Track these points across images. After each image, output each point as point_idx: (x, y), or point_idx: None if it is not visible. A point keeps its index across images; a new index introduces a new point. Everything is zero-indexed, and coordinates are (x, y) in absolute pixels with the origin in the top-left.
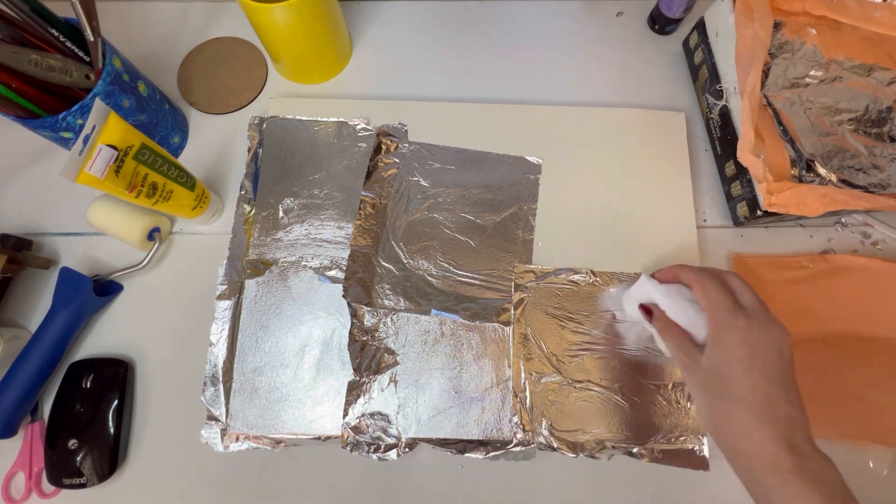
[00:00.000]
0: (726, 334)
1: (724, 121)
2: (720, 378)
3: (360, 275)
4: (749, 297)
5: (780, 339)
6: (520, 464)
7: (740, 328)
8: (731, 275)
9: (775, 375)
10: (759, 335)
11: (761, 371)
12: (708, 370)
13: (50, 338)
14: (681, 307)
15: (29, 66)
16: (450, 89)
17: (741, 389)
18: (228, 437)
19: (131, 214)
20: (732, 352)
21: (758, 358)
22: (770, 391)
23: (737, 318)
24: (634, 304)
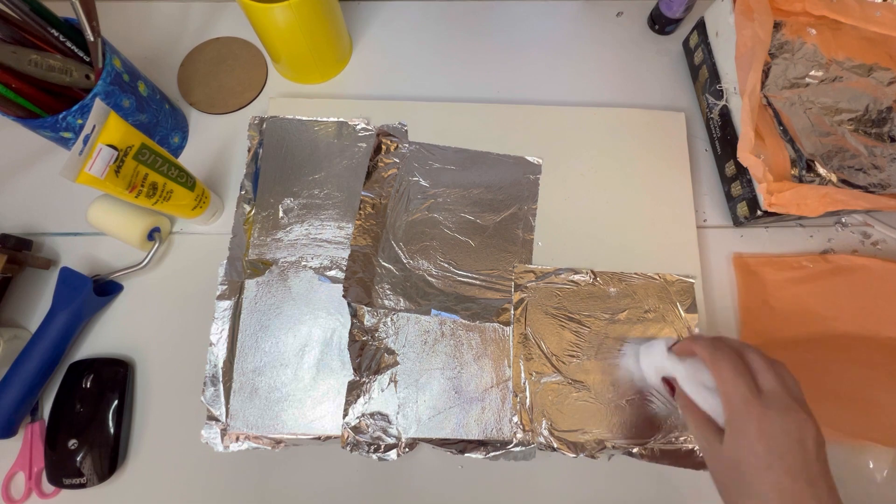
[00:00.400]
0: (742, 425)
1: (724, 121)
2: (740, 474)
3: (360, 275)
4: (769, 379)
5: (802, 428)
6: (520, 464)
7: (756, 419)
8: (750, 350)
9: (798, 471)
10: (778, 427)
11: (783, 468)
12: (726, 462)
13: (50, 338)
14: (700, 391)
15: (29, 66)
16: (450, 89)
17: (761, 487)
18: (228, 437)
19: (131, 214)
20: (749, 445)
21: (776, 452)
22: (794, 490)
23: (752, 407)
24: (657, 375)
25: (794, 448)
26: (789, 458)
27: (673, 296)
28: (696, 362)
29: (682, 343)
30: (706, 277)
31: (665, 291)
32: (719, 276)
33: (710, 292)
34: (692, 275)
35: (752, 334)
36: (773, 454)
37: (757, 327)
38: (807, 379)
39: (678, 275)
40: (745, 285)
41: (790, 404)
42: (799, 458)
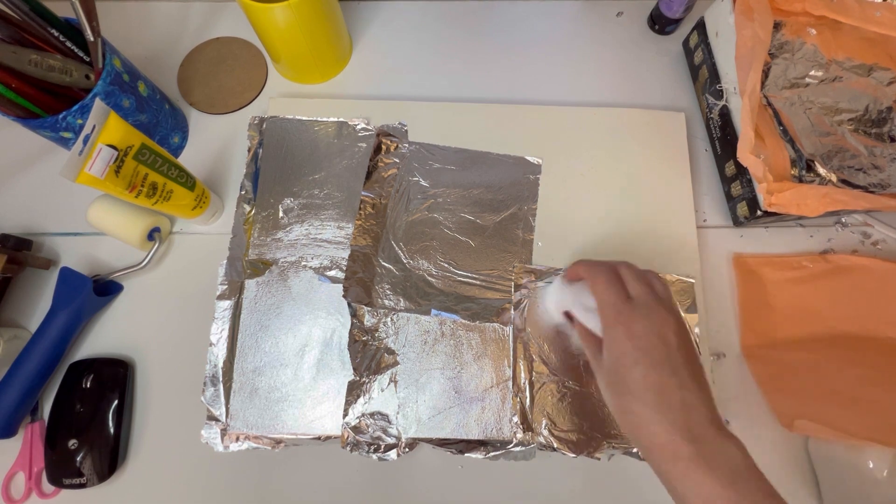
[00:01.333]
0: (613, 330)
1: (724, 121)
2: (616, 375)
3: (360, 275)
4: (636, 286)
5: (662, 322)
6: (520, 464)
7: (624, 321)
8: (622, 264)
9: (661, 362)
10: (642, 325)
11: (648, 361)
12: (607, 368)
13: (50, 338)
14: (585, 313)
15: (29, 66)
16: (450, 89)
17: (633, 383)
18: (228, 437)
19: (131, 214)
20: (620, 346)
21: (641, 348)
22: (659, 380)
23: (621, 311)
24: (558, 311)
25: (656, 343)
26: (653, 352)
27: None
28: (582, 286)
29: (569, 268)
30: (706, 277)
31: None
32: (719, 276)
33: (710, 292)
34: (692, 275)
35: (752, 334)
36: (639, 350)
37: (757, 327)
38: (807, 379)
39: (678, 275)
40: (745, 285)
41: (653, 304)
42: (661, 351)
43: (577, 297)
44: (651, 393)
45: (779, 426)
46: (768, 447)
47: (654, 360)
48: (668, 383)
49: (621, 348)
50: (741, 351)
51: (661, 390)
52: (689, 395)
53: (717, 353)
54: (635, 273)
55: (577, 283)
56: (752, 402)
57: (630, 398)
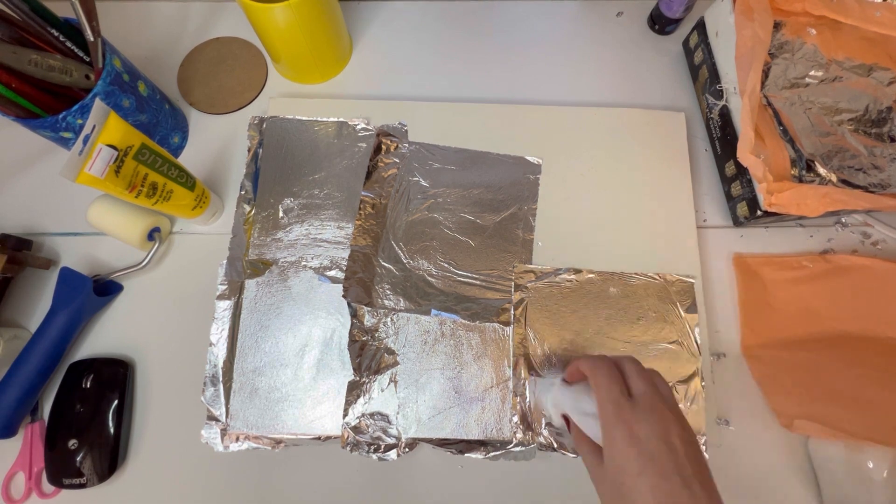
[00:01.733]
0: (613, 433)
1: (724, 121)
2: (619, 488)
3: (360, 275)
4: (638, 384)
5: (667, 427)
6: (520, 464)
7: (625, 422)
8: (626, 359)
9: (670, 473)
10: (646, 428)
11: (654, 470)
12: (608, 479)
13: (50, 338)
14: (584, 419)
15: (29, 66)
16: (450, 89)
17: (640, 496)
18: (228, 437)
19: (131, 214)
20: (622, 452)
21: (646, 455)
22: (669, 492)
23: (621, 410)
24: (558, 414)
25: (662, 449)
26: (660, 460)
27: (673, 296)
28: (580, 389)
29: (570, 365)
30: (706, 277)
31: (665, 291)
32: (719, 276)
33: (710, 292)
34: (692, 275)
35: (752, 334)
36: (643, 457)
37: (757, 327)
38: (807, 379)
39: (678, 275)
40: (745, 285)
41: (655, 404)
42: (669, 460)
43: (576, 400)
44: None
45: (779, 426)
46: (768, 447)
47: (661, 470)
48: (680, 497)
49: (624, 454)
50: (741, 351)
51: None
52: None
53: (717, 353)
54: (638, 369)
55: (577, 385)
56: (752, 402)
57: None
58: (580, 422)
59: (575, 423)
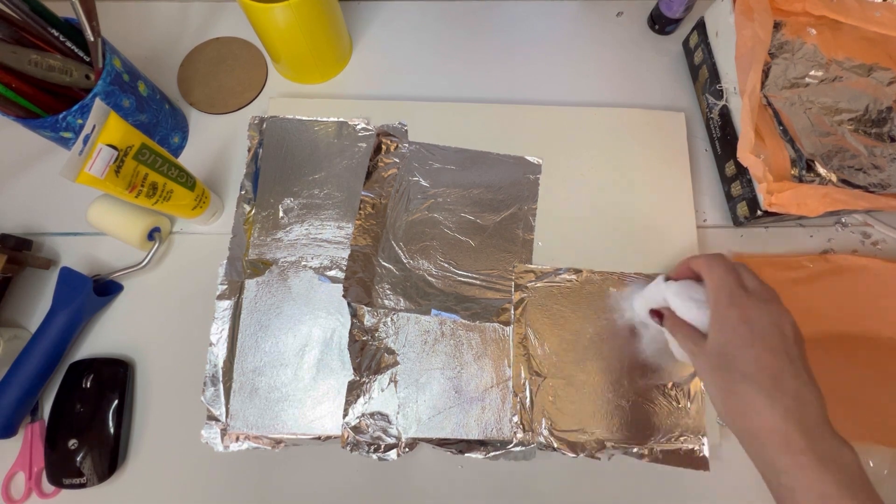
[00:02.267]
0: (726, 311)
1: (724, 121)
2: (724, 357)
3: (360, 275)
4: (753, 281)
5: (781, 316)
6: (520, 464)
7: (739, 305)
8: (739, 263)
9: (778, 349)
10: (758, 312)
11: (763, 345)
12: (713, 351)
13: (50, 338)
14: (689, 303)
15: (29, 66)
16: (450, 89)
17: (745, 364)
18: (228, 437)
19: (131, 214)
20: (733, 328)
21: (757, 332)
22: (775, 365)
23: (736, 296)
24: (645, 308)
25: (773, 331)
26: (769, 338)
27: None
28: (687, 281)
29: (680, 264)
30: None
31: None
32: None
33: None
34: None
35: None
36: (754, 334)
37: None
38: None
39: None
40: None
41: (770, 298)
42: (778, 339)
43: (682, 288)
44: (765, 376)
45: None
46: None
47: (769, 345)
48: (784, 370)
49: (735, 329)
50: None
51: (776, 375)
52: (804, 388)
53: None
54: (752, 272)
55: (682, 280)
56: None
57: (739, 378)
58: (683, 306)
59: (673, 312)
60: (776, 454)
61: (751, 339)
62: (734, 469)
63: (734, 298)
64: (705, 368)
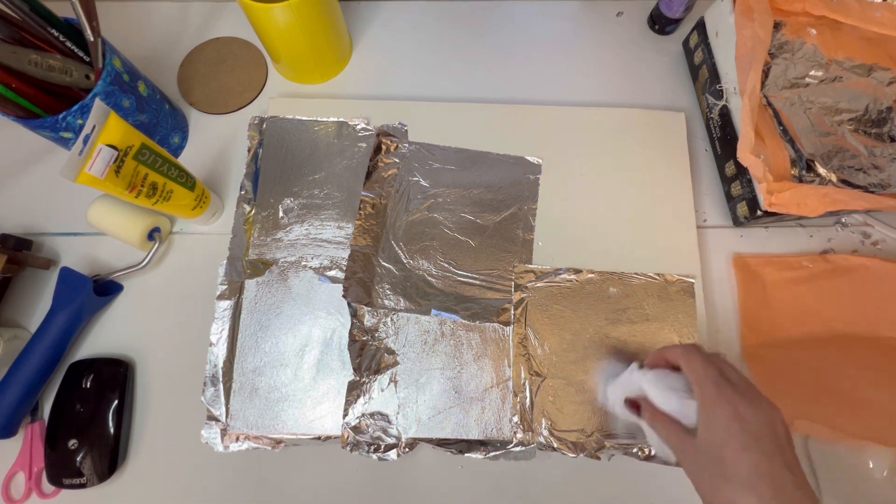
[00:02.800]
0: (716, 408)
1: (724, 121)
2: (718, 459)
3: (360, 275)
4: (735, 374)
5: (772, 415)
6: (520, 464)
7: (729, 401)
8: (714, 353)
9: (774, 454)
10: (750, 411)
11: (759, 449)
12: (703, 450)
13: (50, 338)
14: (669, 394)
15: (29, 66)
16: (450, 89)
17: (741, 468)
18: (228, 437)
19: (131, 214)
20: (725, 427)
21: (751, 434)
22: (772, 471)
23: (723, 390)
24: (620, 399)
25: (766, 432)
26: (764, 441)
27: (673, 296)
28: (662, 370)
29: (654, 353)
30: (706, 277)
31: (665, 291)
32: (719, 276)
33: (710, 292)
34: (692, 275)
35: (752, 334)
36: (748, 435)
37: (757, 327)
38: (807, 379)
39: (678, 275)
40: (745, 285)
41: (758, 394)
42: (772, 442)
43: (659, 378)
44: (765, 486)
45: None
46: None
47: (765, 450)
48: (785, 480)
49: (727, 429)
50: (741, 351)
51: (779, 487)
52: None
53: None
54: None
55: (658, 369)
56: None
57: (737, 486)
58: (662, 397)
59: (651, 402)
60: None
61: (745, 440)
62: None
63: (722, 392)
64: (694, 468)
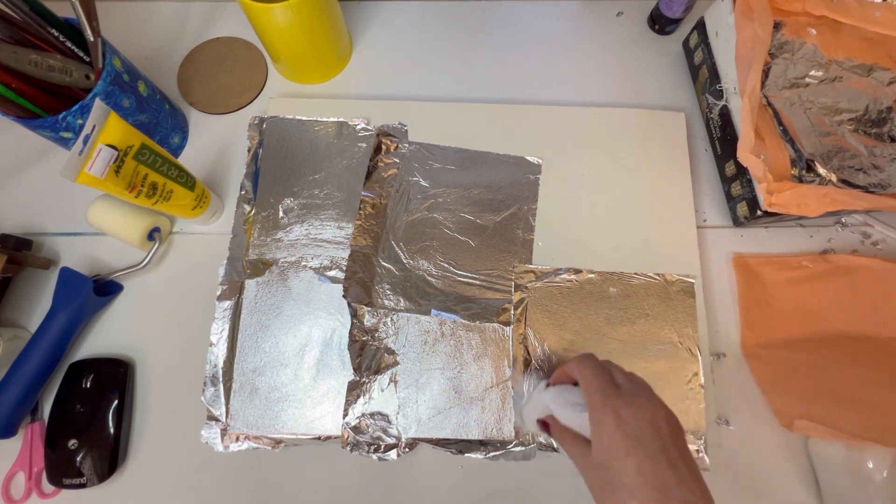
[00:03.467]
0: (602, 417)
1: (724, 121)
2: (607, 471)
3: (360, 275)
4: (622, 376)
5: (653, 411)
6: (520, 464)
7: (613, 408)
8: (607, 361)
9: (656, 454)
10: (632, 412)
11: (642, 451)
12: (595, 464)
13: (50, 338)
14: (568, 409)
15: (29, 66)
16: (450, 89)
17: (627, 477)
18: (228, 437)
19: (131, 214)
20: (610, 436)
21: (633, 437)
22: (656, 472)
23: (608, 398)
24: (533, 419)
25: (649, 432)
26: (646, 442)
27: (673, 296)
28: (564, 386)
29: (558, 369)
30: (706, 277)
31: (665, 291)
32: (719, 276)
33: (710, 292)
34: (692, 275)
35: (752, 334)
36: (630, 439)
37: (757, 327)
38: (807, 379)
39: (678, 275)
40: (745, 285)
41: (641, 391)
42: (656, 442)
43: (560, 394)
44: (649, 490)
45: (779, 426)
46: (768, 447)
47: (648, 451)
48: (668, 478)
49: (612, 438)
50: (741, 351)
51: (661, 487)
52: (690, 493)
53: (717, 353)
54: (621, 368)
55: (561, 385)
56: (752, 402)
57: (625, 495)
58: (564, 413)
59: (557, 420)
60: None
61: (627, 445)
62: (734, 469)
63: (607, 399)
64: (591, 481)
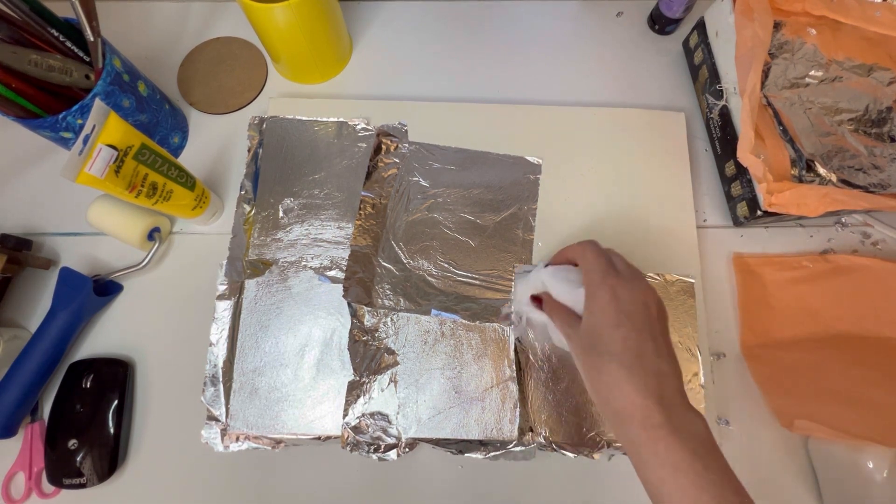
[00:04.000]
0: (598, 292)
1: (724, 121)
2: (594, 337)
3: (360, 275)
4: (621, 263)
5: (645, 293)
6: (520, 464)
7: (610, 286)
8: (609, 248)
9: (642, 327)
10: (626, 291)
11: (630, 324)
12: (585, 332)
13: (50, 338)
14: (564, 285)
15: (29, 66)
16: (450, 89)
17: (612, 343)
18: (228, 437)
19: (131, 214)
20: (602, 309)
21: (624, 312)
22: (639, 343)
23: (607, 277)
24: (527, 295)
25: (639, 309)
26: (635, 317)
27: (673, 296)
28: (564, 266)
29: (557, 252)
30: (706, 277)
31: (665, 291)
32: (719, 276)
33: (710, 292)
34: (692, 275)
35: (752, 334)
36: (622, 314)
37: (757, 327)
38: (807, 379)
39: (678, 275)
40: (745, 285)
41: (637, 275)
42: (643, 318)
43: (558, 271)
44: (629, 354)
45: (779, 426)
46: (768, 447)
47: (635, 325)
48: (647, 348)
49: (604, 311)
50: (741, 351)
51: (640, 354)
52: (664, 364)
53: (717, 353)
54: (621, 256)
55: (559, 266)
56: (752, 402)
57: (607, 358)
58: (560, 288)
59: (551, 296)
60: (636, 430)
61: (618, 318)
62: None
63: (605, 278)
64: (578, 350)
